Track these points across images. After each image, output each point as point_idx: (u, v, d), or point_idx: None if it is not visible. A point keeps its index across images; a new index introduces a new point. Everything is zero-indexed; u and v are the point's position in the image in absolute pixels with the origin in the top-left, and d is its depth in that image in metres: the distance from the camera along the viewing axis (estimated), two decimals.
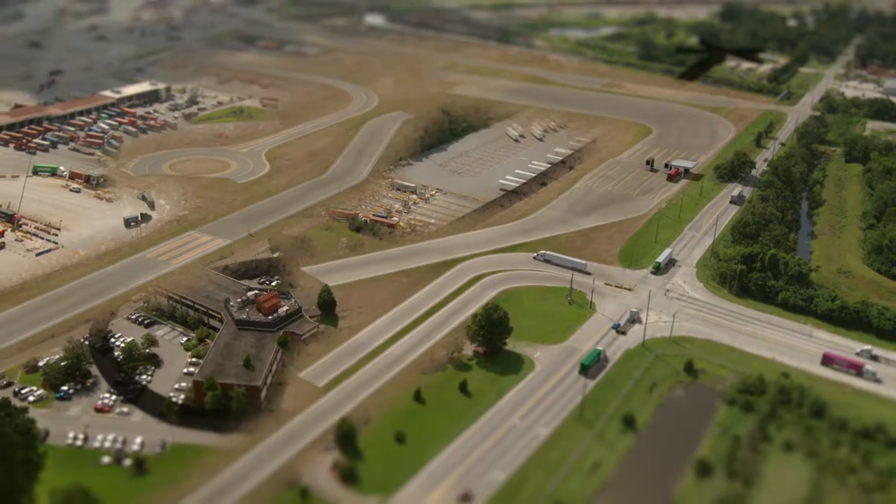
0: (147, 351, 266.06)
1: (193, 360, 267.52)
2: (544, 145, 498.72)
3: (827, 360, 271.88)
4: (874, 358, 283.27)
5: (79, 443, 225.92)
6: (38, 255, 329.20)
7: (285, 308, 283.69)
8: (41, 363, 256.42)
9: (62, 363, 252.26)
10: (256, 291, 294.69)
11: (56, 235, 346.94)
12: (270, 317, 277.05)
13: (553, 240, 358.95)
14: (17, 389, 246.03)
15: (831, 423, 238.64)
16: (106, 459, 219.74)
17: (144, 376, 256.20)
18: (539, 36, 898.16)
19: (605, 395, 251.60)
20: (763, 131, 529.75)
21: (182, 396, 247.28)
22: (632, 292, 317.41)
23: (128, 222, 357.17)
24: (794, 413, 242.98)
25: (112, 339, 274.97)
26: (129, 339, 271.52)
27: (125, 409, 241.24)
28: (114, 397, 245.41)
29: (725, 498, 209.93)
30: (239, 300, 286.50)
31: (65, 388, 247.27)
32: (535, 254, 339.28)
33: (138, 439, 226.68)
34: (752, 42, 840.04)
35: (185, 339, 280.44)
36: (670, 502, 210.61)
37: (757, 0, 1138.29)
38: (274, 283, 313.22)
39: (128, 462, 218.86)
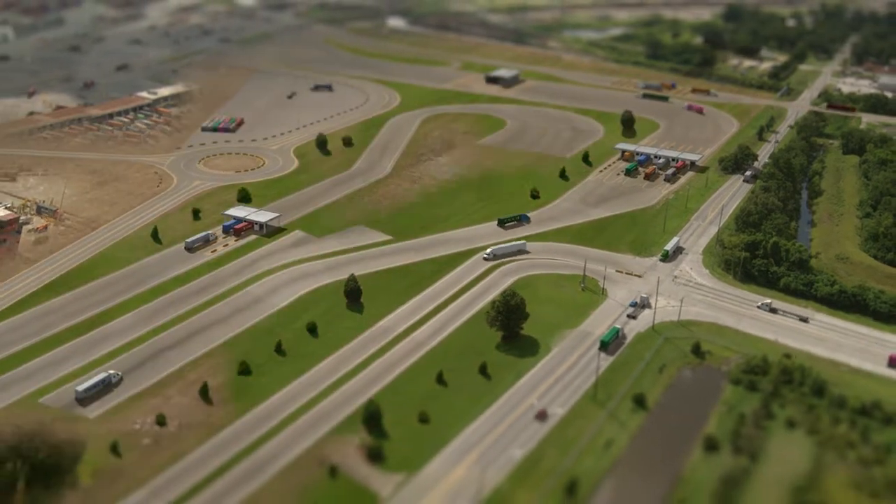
0: None
1: None
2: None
3: (893, 363, 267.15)
4: (773, 311, 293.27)
5: None
6: None
7: None
8: None
9: None
10: None
11: (95, 229, 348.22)
12: None
13: (566, 230, 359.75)
14: None
15: (831, 401, 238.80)
16: (147, 441, 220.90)
17: None
18: (552, 37, 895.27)
19: (617, 376, 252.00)
20: (765, 125, 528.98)
21: None
22: (641, 279, 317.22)
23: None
24: (795, 392, 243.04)
25: None
26: None
27: None
28: None
29: (732, 472, 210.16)
30: None
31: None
32: (484, 255, 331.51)
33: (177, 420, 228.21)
34: (753, 41, 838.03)
35: None
36: (680, 477, 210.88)
37: (758, 1, 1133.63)
38: None
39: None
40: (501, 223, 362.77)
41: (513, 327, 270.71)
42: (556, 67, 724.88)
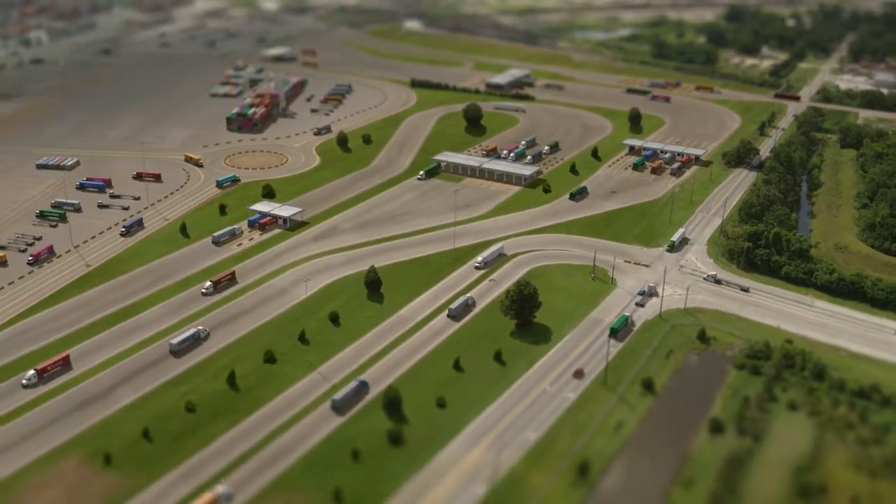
0: None
1: None
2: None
3: None
4: (718, 282, 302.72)
5: None
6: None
7: None
8: None
9: None
10: None
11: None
12: None
13: (578, 222, 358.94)
14: None
15: (831, 384, 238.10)
16: (177, 427, 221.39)
17: None
18: (562, 38, 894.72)
19: (626, 362, 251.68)
20: (766, 121, 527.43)
21: None
22: (649, 268, 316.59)
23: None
24: (797, 375, 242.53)
25: None
26: None
27: None
28: None
29: (736, 453, 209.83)
30: None
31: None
32: (476, 264, 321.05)
33: None
34: (754, 40, 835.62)
35: None
36: (686, 458, 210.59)
37: (759, 2, 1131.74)
38: None
39: None
40: (573, 196, 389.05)
41: (526, 315, 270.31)
42: (565, 67, 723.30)
